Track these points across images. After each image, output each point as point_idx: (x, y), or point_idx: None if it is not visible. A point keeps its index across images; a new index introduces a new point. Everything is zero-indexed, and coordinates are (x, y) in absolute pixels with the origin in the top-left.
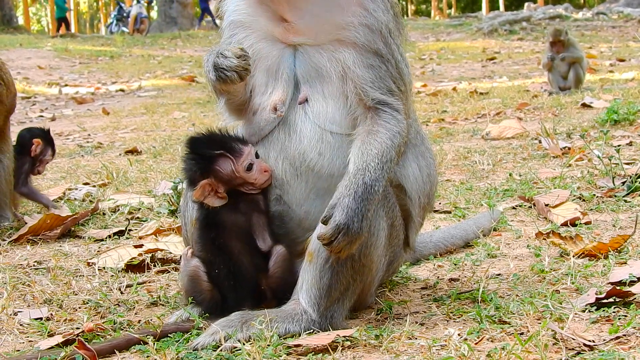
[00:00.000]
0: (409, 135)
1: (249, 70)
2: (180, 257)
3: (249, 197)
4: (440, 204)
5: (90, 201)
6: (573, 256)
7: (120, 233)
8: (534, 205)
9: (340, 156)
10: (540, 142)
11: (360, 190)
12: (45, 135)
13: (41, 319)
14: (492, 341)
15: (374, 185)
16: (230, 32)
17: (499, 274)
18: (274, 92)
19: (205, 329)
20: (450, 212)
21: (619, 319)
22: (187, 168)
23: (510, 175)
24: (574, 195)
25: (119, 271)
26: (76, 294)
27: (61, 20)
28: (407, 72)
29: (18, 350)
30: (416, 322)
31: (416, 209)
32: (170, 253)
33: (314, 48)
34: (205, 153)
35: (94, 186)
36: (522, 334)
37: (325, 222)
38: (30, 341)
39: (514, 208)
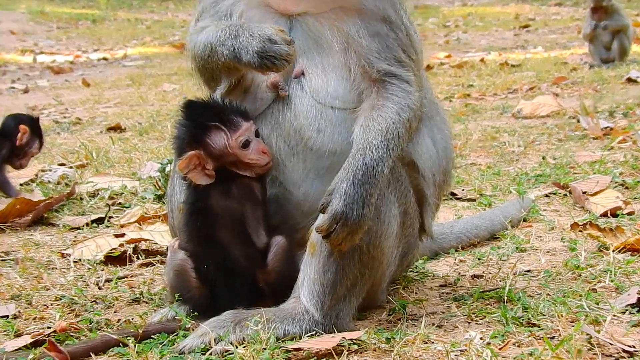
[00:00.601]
0: (423, 108)
1: (295, 57)
2: (167, 248)
3: (244, 182)
4: (463, 190)
5: (67, 184)
6: (613, 251)
7: (99, 220)
8: (570, 192)
9: (344, 133)
10: (578, 121)
11: (360, 173)
12: (33, 124)
13: (7, 316)
14: (518, 346)
15: (377, 166)
16: None
17: (528, 271)
18: None
19: (193, 329)
20: (474, 200)
21: None
22: (177, 135)
23: (543, 158)
24: (616, 182)
25: (97, 264)
26: (48, 289)
27: None
28: (417, 38)
29: None
30: (433, 324)
31: (431, 188)
32: (156, 244)
33: (313, 17)
34: (198, 121)
35: (71, 167)
36: (552, 338)
37: (323, 211)
38: None
39: (547, 196)
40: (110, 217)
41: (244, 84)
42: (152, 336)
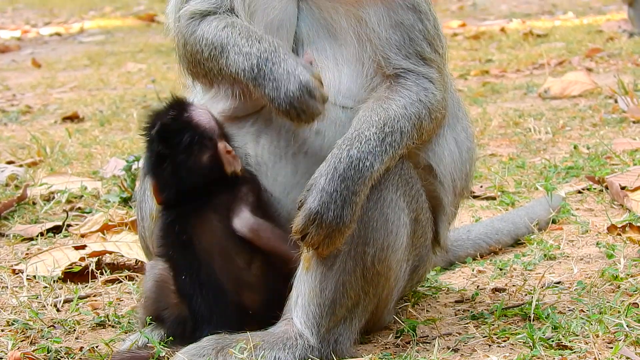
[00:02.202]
0: (443, 109)
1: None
2: (136, 262)
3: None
4: (481, 187)
5: (16, 186)
6: None
7: (55, 229)
8: (607, 188)
9: None
10: (616, 101)
11: (342, 167)
12: None
13: None
14: None
15: (364, 160)
16: None
17: (558, 282)
18: None
19: (168, 358)
20: (494, 199)
21: None
22: (148, 154)
23: (575, 147)
24: None
25: (54, 281)
26: None
27: None
28: (441, 29)
29: None
30: (448, 348)
31: (449, 196)
32: (122, 257)
33: (329, 1)
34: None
35: (21, 166)
36: None
37: (299, 209)
38: None
39: (579, 192)
40: (68, 226)
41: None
42: None
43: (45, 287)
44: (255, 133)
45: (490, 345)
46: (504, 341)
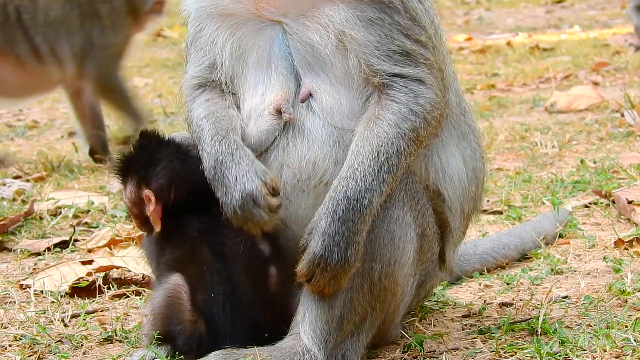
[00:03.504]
0: (443, 108)
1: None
2: (143, 276)
3: None
4: (488, 201)
5: (23, 201)
6: None
7: (63, 244)
8: (614, 202)
9: None
10: (622, 115)
11: (341, 209)
12: None
13: None
14: None
15: (361, 199)
16: (197, 23)
17: (565, 297)
18: (268, 90)
19: None
20: (501, 213)
21: None
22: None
23: (582, 161)
24: None
25: (61, 296)
26: (5, 327)
27: None
28: (423, 8)
29: None
30: None
31: (457, 220)
32: (129, 271)
33: (299, 21)
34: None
35: (28, 181)
36: None
37: (302, 253)
38: None
39: (586, 206)
40: (75, 241)
41: (243, 118)
42: None
43: (53, 302)
44: (278, 167)
45: None
46: (511, 356)
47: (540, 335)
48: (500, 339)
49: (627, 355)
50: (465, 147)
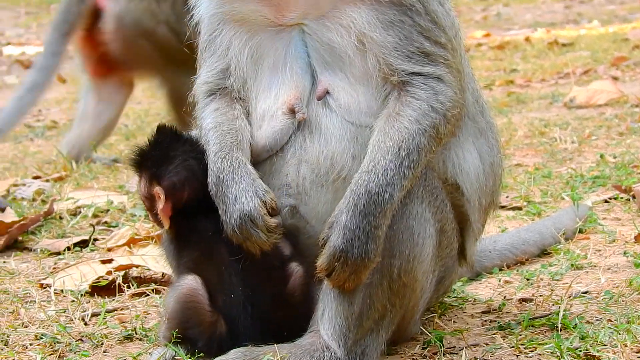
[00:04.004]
0: (462, 107)
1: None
2: (162, 274)
3: None
4: (507, 197)
5: (43, 201)
6: None
7: (82, 244)
8: (634, 197)
9: None
10: None
11: (362, 202)
12: None
13: None
14: None
15: (383, 193)
16: (211, 29)
17: (585, 292)
18: (281, 91)
19: None
20: (520, 209)
21: None
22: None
23: (601, 156)
24: None
25: (81, 295)
26: (26, 327)
27: None
28: (444, 11)
29: None
30: (475, 358)
31: (476, 213)
32: (149, 270)
33: (319, 21)
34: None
35: (47, 180)
36: None
37: (322, 247)
38: None
39: (606, 201)
40: (95, 240)
41: (256, 119)
42: None
43: (73, 301)
44: (296, 163)
45: (517, 356)
46: (532, 351)
47: (561, 330)
48: (520, 335)
49: None
50: (482, 144)
